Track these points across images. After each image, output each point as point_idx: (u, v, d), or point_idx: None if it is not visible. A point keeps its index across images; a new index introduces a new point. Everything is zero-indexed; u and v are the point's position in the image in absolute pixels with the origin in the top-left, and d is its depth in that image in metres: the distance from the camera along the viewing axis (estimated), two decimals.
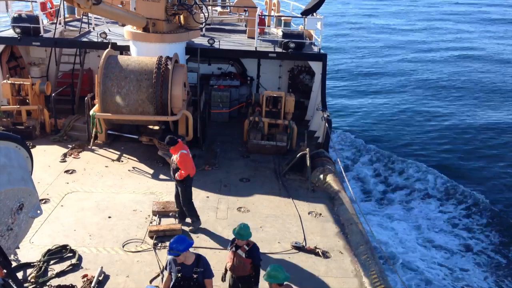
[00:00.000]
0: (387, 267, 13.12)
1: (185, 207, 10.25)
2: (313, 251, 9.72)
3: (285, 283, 6.44)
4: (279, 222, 10.82)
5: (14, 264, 8.37)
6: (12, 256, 5.11)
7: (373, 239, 10.53)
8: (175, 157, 9.88)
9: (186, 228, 10.27)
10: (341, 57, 44.39)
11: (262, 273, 7.55)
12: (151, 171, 13.06)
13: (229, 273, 7.68)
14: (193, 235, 10.07)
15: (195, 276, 6.69)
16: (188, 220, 10.41)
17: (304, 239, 10.17)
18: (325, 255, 9.65)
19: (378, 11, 75.86)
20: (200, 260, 6.79)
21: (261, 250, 7.77)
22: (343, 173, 12.79)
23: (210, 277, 6.88)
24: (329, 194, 12.22)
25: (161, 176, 12.75)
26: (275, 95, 14.87)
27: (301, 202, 11.79)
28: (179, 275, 6.66)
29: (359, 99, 33.10)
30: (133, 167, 13.19)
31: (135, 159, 13.70)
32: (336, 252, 9.81)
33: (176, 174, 9.90)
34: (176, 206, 10.48)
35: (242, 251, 7.33)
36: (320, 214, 11.30)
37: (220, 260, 9.07)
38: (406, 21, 67.69)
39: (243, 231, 7.32)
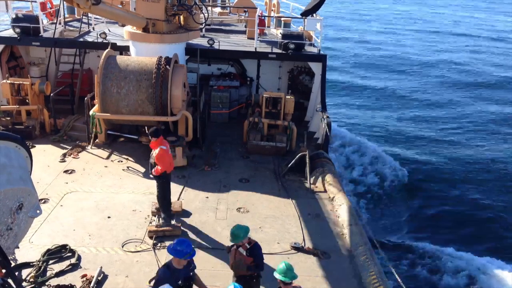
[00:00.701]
0: (386, 268, 13.11)
1: (159, 203, 10.25)
2: (312, 252, 9.72)
3: (293, 284, 6.47)
4: (279, 223, 10.82)
5: (13, 264, 8.38)
6: (11, 256, 5.11)
7: (372, 239, 10.54)
8: (154, 153, 9.89)
9: (186, 230, 10.29)
10: (341, 57, 44.40)
11: (263, 273, 7.56)
12: None
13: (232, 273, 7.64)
14: (192, 235, 10.07)
15: (191, 273, 6.91)
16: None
17: (303, 239, 10.17)
18: (324, 255, 9.66)
19: (378, 12, 75.91)
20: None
21: None
22: (343, 174, 12.80)
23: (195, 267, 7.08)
24: (329, 195, 12.23)
25: None
26: (274, 96, 14.88)
27: (300, 203, 11.78)
28: (180, 282, 6.71)
29: (359, 99, 33.12)
30: (133, 167, 13.19)
31: (134, 159, 13.70)
32: (335, 253, 9.81)
33: (153, 170, 9.91)
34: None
35: (243, 249, 7.31)
36: (319, 215, 11.30)
37: (219, 261, 9.09)
38: (406, 21, 67.73)
39: (233, 234, 7.26)
